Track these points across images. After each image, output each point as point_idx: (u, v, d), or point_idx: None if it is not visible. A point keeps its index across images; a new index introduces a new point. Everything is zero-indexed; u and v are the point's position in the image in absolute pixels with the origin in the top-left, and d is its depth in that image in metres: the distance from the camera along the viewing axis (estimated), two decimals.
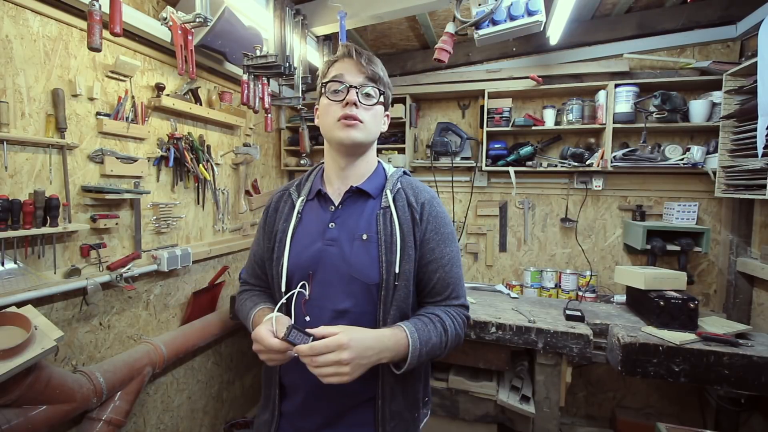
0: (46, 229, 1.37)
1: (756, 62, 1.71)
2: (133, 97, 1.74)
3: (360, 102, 0.93)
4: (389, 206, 0.97)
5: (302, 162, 2.99)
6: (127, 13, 1.46)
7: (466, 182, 2.84)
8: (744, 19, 2.19)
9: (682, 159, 2.24)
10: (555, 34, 2.22)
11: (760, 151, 1.70)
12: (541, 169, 2.52)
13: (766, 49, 1.66)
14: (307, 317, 0.95)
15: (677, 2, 2.31)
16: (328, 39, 2.39)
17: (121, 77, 1.69)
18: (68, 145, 1.49)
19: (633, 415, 2.42)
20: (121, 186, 1.70)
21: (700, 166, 2.21)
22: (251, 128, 2.59)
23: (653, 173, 2.42)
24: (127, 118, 1.70)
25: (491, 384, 1.89)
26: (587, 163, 2.40)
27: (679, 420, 2.39)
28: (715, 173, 2.12)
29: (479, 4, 1.60)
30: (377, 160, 1.07)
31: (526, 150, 2.51)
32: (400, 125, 2.77)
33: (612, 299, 2.33)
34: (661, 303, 1.74)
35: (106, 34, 1.35)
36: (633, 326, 1.78)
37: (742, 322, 1.93)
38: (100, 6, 1.30)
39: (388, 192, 0.99)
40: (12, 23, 1.33)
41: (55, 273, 1.46)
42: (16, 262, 1.34)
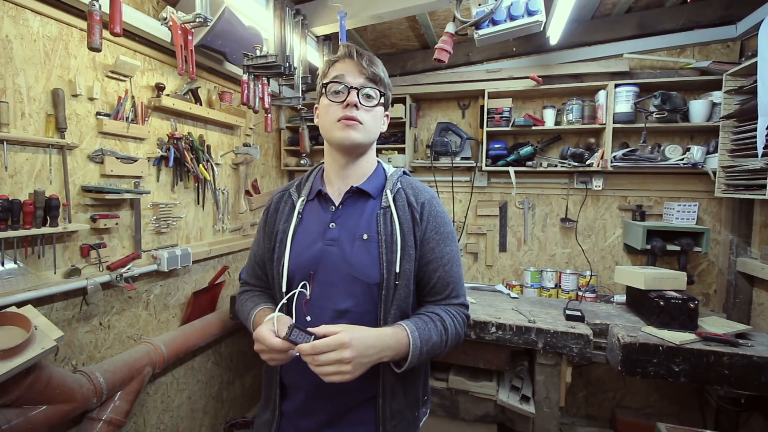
0: (46, 229, 1.37)
1: (756, 62, 1.72)
2: (133, 97, 1.74)
3: (360, 103, 0.93)
4: (389, 206, 0.97)
5: (302, 162, 2.99)
6: (127, 13, 1.46)
7: (466, 182, 2.84)
8: (744, 19, 2.19)
9: (682, 159, 2.24)
10: (555, 34, 2.22)
11: (760, 151, 1.70)
12: (541, 169, 2.52)
13: (766, 49, 1.66)
14: (308, 317, 0.95)
15: (677, 2, 2.31)
16: (328, 39, 2.39)
17: (121, 77, 1.69)
18: (68, 145, 1.49)
19: (633, 415, 2.42)
20: (121, 186, 1.70)
21: (700, 166, 2.21)
22: (251, 128, 2.59)
23: (653, 173, 2.42)
24: (127, 118, 1.70)
25: (491, 384, 1.89)
26: (587, 163, 2.40)
27: (679, 420, 2.39)
28: (715, 173, 2.12)
29: (479, 4, 1.60)
30: (377, 160, 1.07)
31: (526, 150, 2.51)
32: (400, 125, 2.77)
33: (612, 299, 2.33)
34: (661, 303, 1.74)
35: (106, 34, 1.35)
36: (633, 326, 1.78)
37: (742, 322, 1.93)
38: (100, 6, 1.30)
39: (388, 192, 0.99)
40: (12, 23, 1.33)
41: (55, 273, 1.46)
42: (16, 262, 1.34)
